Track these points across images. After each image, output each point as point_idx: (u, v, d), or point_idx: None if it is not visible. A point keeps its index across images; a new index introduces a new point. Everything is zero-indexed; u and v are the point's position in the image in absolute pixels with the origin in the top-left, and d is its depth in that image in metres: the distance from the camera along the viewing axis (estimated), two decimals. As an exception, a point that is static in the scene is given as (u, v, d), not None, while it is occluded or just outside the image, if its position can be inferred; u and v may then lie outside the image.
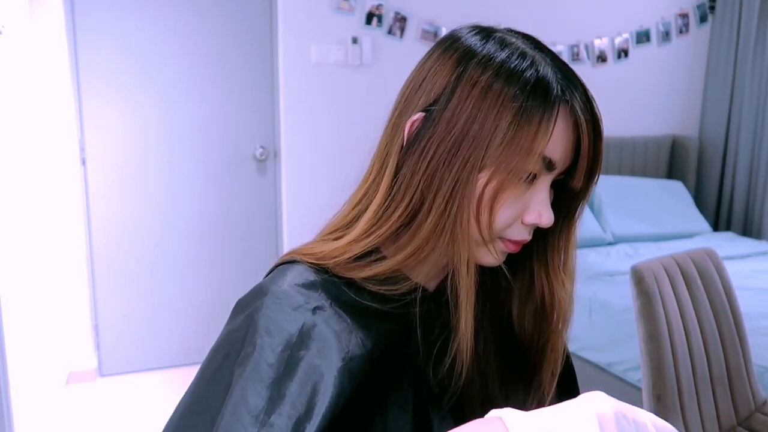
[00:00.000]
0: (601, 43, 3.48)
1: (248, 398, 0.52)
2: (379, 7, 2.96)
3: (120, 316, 2.96)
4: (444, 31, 3.05)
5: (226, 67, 2.94)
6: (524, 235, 0.63)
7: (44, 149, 2.66)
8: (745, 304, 1.85)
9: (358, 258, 0.63)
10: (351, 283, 0.62)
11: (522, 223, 0.62)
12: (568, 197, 0.66)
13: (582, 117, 0.59)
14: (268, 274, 0.66)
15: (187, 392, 0.58)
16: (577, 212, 0.67)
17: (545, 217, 0.61)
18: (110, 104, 2.81)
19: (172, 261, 3.00)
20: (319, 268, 0.63)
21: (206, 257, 3.04)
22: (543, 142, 0.58)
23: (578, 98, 0.60)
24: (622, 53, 3.54)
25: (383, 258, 0.64)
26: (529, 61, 0.59)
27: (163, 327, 3.01)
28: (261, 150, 3.03)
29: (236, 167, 3.04)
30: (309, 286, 0.60)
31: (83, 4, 2.72)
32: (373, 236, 0.63)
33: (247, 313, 0.58)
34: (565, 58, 3.38)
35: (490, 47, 0.61)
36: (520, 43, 0.61)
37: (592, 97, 0.61)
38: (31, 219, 2.44)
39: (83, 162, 2.81)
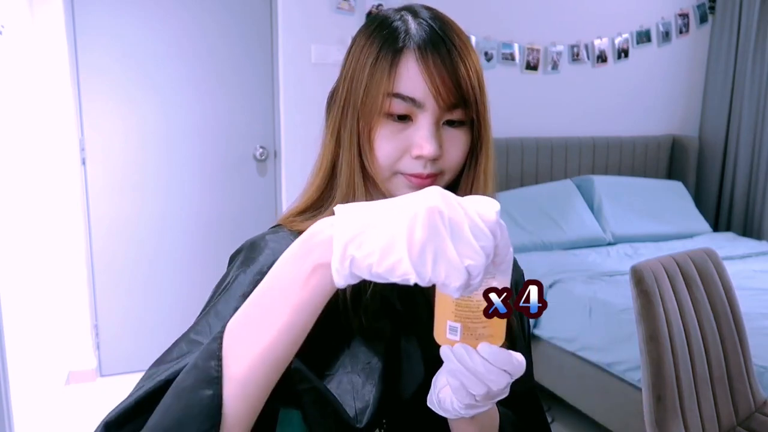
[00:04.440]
0: (601, 43, 3.47)
1: (218, 305, 0.66)
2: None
3: (120, 316, 2.96)
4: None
5: (226, 67, 2.94)
6: (417, 169, 0.67)
7: (44, 149, 2.66)
8: (745, 304, 1.85)
9: (302, 212, 0.74)
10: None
11: (413, 157, 0.67)
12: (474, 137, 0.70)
13: (424, 56, 0.65)
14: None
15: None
16: (481, 147, 0.70)
17: (426, 149, 0.65)
18: (110, 104, 2.81)
19: (171, 261, 3.00)
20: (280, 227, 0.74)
21: (206, 257, 3.04)
22: (389, 82, 0.65)
23: (421, 43, 0.65)
24: (622, 53, 3.54)
25: (321, 212, 0.73)
26: (393, 24, 0.68)
27: (163, 327, 3.00)
28: (261, 150, 3.03)
29: (236, 167, 3.04)
30: (279, 239, 0.72)
31: (83, 4, 2.71)
32: (309, 192, 0.74)
33: (238, 261, 0.71)
34: (565, 58, 3.39)
35: (375, 18, 0.70)
36: (396, 14, 0.69)
37: (448, 43, 0.66)
38: (31, 219, 2.44)
39: (83, 162, 2.81)
